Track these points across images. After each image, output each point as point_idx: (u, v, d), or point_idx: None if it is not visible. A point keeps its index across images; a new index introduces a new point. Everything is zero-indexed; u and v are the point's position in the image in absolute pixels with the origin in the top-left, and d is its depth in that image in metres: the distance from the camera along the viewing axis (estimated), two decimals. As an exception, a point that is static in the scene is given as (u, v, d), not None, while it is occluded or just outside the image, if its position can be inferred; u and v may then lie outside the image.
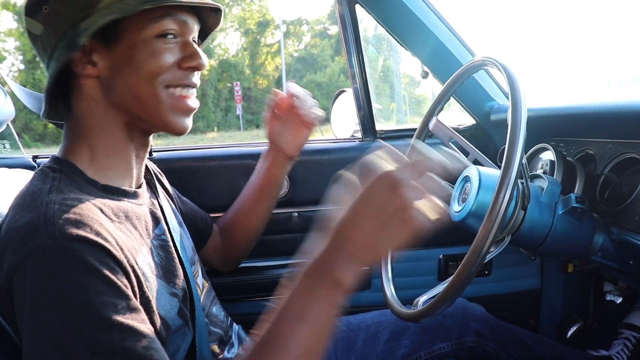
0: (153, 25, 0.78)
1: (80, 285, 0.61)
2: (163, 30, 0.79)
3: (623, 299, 1.43)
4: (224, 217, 1.33)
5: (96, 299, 0.61)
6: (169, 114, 0.83)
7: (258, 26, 30.05)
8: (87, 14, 0.75)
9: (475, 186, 1.04)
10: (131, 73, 0.78)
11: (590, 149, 1.24)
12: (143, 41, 0.78)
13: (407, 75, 2.23)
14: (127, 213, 0.80)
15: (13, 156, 1.51)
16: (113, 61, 0.78)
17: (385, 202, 0.63)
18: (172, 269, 0.86)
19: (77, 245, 0.63)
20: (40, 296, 0.61)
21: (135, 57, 0.78)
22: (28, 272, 0.62)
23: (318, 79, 27.87)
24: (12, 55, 23.85)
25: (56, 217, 0.65)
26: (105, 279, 0.64)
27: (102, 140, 0.81)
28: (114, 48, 0.78)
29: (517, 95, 0.90)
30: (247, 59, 29.76)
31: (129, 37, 0.78)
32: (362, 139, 1.64)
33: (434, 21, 1.44)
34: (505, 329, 1.28)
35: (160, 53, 0.79)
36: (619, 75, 13.15)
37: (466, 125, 1.65)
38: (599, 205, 1.14)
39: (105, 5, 0.75)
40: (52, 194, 0.70)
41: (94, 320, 0.61)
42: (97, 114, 0.81)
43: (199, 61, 0.83)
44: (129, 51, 0.78)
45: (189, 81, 0.84)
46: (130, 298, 0.66)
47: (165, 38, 0.80)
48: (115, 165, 0.83)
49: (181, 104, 0.84)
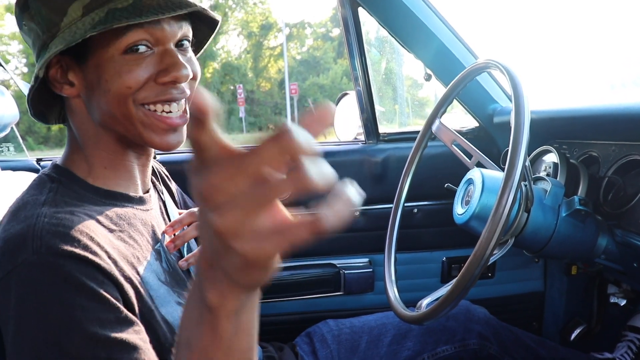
0: (117, 41, 0.71)
1: (65, 302, 0.60)
2: (130, 43, 0.71)
3: (627, 302, 1.42)
4: None
5: (81, 315, 0.60)
6: (149, 132, 0.76)
7: (261, 29, 30.09)
8: (53, 33, 0.73)
9: (479, 189, 1.04)
10: (101, 95, 0.73)
11: (594, 151, 1.24)
12: (109, 59, 0.71)
13: (409, 78, 2.23)
14: (131, 220, 0.79)
15: (17, 159, 1.52)
16: (85, 81, 0.74)
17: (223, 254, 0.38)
18: (180, 275, 0.86)
19: (62, 261, 0.62)
20: (24, 312, 0.60)
21: (102, 78, 0.72)
22: (12, 287, 0.61)
23: (321, 81, 27.88)
24: (15, 58, 23.92)
25: (44, 231, 0.64)
26: (91, 294, 0.62)
27: (98, 152, 0.79)
28: (84, 68, 0.74)
29: (520, 97, 0.90)
30: (250, 62, 29.78)
31: (97, 55, 0.72)
32: (365, 142, 1.64)
33: (437, 24, 1.44)
34: (509, 331, 1.28)
35: (127, 72, 0.72)
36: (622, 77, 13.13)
37: (469, 128, 1.65)
38: (603, 207, 1.14)
39: (66, 25, 0.72)
40: (44, 207, 0.69)
41: (79, 336, 0.59)
42: (89, 129, 0.79)
43: (176, 73, 0.73)
44: (97, 71, 0.72)
45: (169, 96, 0.75)
46: (120, 311, 0.64)
47: (135, 53, 0.72)
48: (116, 175, 0.81)
49: (159, 123, 0.76)
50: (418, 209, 1.59)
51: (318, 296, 1.58)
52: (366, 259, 1.60)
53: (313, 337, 1.28)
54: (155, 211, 0.89)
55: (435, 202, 1.59)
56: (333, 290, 1.60)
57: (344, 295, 1.59)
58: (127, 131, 0.76)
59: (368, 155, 1.57)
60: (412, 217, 1.58)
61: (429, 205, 1.59)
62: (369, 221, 1.57)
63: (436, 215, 1.59)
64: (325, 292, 1.59)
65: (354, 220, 1.56)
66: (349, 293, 1.59)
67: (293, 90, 25.18)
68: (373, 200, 1.57)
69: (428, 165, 1.37)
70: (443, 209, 1.58)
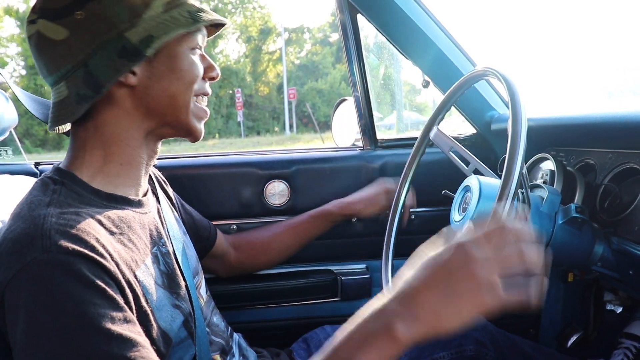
0: (189, 39, 0.84)
1: (77, 298, 0.61)
2: (197, 44, 0.86)
3: (623, 309, 1.42)
4: (248, 235, 1.40)
5: (93, 311, 0.62)
6: (194, 120, 0.88)
7: (260, 33, 30.16)
8: (133, 23, 0.76)
9: (476, 196, 1.05)
10: (172, 82, 0.83)
11: (591, 159, 1.24)
12: (182, 52, 0.83)
13: (407, 84, 2.24)
14: (130, 223, 0.80)
15: (15, 162, 1.52)
16: (152, 71, 0.81)
17: (457, 275, 0.59)
18: (176, 279, 0.87)
19: (72, 259, 0.63)
20: (36, 309, 0.61)
21: (177, 67, 0.83)
22: (22, 286, 0.62)
23: (319, 86, 27.94)
24: (13, 60, 23.94)
25: (53, 230, 0.65)
26: (101, 292, 0.64)
27: (120, 148, 0.82)
28: (154, 59, 0.80)
29: (518, 105, 0.91)
30: (249, 66, 29.85)
31: (168, 48, 0.81)
32: (363, 148, 1.64)
33: (436, 31, 1.45)
34: (506, 337, 1.28)
35: (197, 64, 0.86)
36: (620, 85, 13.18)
37: (466, 135, 1.65)
38: (599, 215, 1.15)
39: (150, 17, 0.77)
40: (50, 207, 0.70)
41: (93, 332, 0.61)
42: (121, 122, 0.82)
43: (217, 72, 0.92)
44: (170, 62, 0.82)
45: (208, 90, 0.92)
46: (125, 310, 0.66)
47: (195, 50, 0.86)
48: (125, 173, 0.84)
49: (203, 113, 0.91)
50: (415, 215, 1.59)
51: (315, 302, 1.58)
52: (363, 265, 1.60)
53: (310, 343, 1.28)
54: (153, 214, 0.91)
55: (433, 209, 1.59)
56: (330, 296, 1.60)
57: (341, 301, 1.59)
58: (176, 119, 0.86)
59: (366, 162, 1.57)
60: (409, 223, 1.59)
61: (426, 212, 1.60)
62: (366, 227, 1.57)
63: (433, 221, 1.59)
64: (322, 298, 1.59)
65: (351, 226, 1.57)
66: (346, 299, 1.58)
67: (291, 94, 25.24)
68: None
69: (425, 172, 1.38)
70: (440, 216, 1.58)
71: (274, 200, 1.53)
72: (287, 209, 1.54)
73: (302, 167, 1.53)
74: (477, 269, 0.59)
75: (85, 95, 0.76)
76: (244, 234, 1.42)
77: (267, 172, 1.52)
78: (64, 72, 0.77)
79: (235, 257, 1.36)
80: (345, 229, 1.56)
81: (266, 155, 1.57)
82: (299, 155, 1.57)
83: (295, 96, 25.13)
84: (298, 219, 1.41)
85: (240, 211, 1.52)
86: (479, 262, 0.59)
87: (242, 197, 1.51)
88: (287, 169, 1.52)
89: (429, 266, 0.62)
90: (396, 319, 0.59)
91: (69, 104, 0.76)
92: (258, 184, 1.51)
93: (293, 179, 1.53)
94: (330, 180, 1.54)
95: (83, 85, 0.76)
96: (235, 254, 1.36)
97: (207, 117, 0.92)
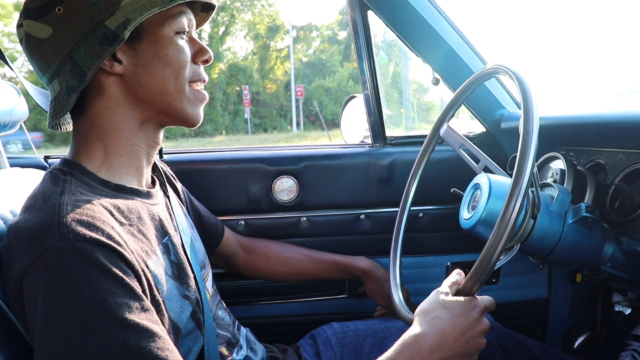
0: (172, 22, 0.82)
1: (95, 286, 0.62)
2: (181, 27, 0.83)
3: (632, 310, 1.42)
4: (262, 246, 1.42)
5: (111, 299, 0.62)
6: (190, 106, 0.86)
7: (268, 31, 30.15)
8: (111, 11, 0.75)
9: (486, 194, 1.04)
10: (160, 68, 0.81)
11: (601, 159, 1.23)
12: (166, 37, 0.81)
13: (415, 82, 2.23)
14: (140, 214, 0.81)
15: (25, 156, 1.53)
16: (137, 58, 0.80)
17: (474, 340, 0.82)
18: (185, 270, 0.87)
19: (90, 247, 0.64)
20: (54, 297, 0.61)
21: (162, 53, 0.81)
22: (40, 273, 0.62)
23: (327, 84, 27.90)
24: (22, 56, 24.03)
25: (69, 218, 0.65)
26: (118, 280, 0.64)
27: (116, 139, 0.82)
28: (138, 45, 0.80)
29: (530, 104, 0.90)
30: (257, 63, 29.84)
31: (153, 33, 0.80)
32: (372, 145, 1.64)
33: (446, 28, 1.44)
34: (513, 337, 1.27)
35: (184, 48, 0.84)
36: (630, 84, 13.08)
37: (476, 133, 1.65)
38: (609, 215, 1.14)
39: (128, 3, 0.75)
40: (64, 196, 0.71)
41: (110, 320, 0.61)
42: (114, 112, 0.81)
43: (209, 54, 0.89)
44: (155, 47, 0.81)
45: (203, 76, 0.89)
46: (143, 299, 0.67)
47: (182, 34, 0.84)
48: (127, 164, 0.84)
49: (200, 95, 0.88)
50: (424, 213, 1.59)
51: (323, 298, 1.59)
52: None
53: (317, 340, 1.28)
54: (162, 206, 0.92)
55: (442, 207, 1.59)
56: (337, 293, 1.60)
57: (348, 298, 1.59)
58: (170, 106, 0.84)
59: (374, 159, 1.57)
60: (417, 221, 1.58)
61: (435, 210, 1.59)
62: (374, 224, 1.57)
63: (442, 219, 1.59)
64: (329, 295, 1.59)
65: (360, 223, 1.57)
66: (353, 296, 1.59)
67: (299, 92, 25.23)
68: (379, 204, 1.57)
69: (435, 170, 1.37)
70: (449, 214, 1.58)
71: (282, 196, 1.53)
72: (295, 205, 1.54)
73: (311, 163, 1.53)
74: (482, 334, 0.84)
75: (72, 86, 0.76)
76: (259, 241, 1.43)
77: (276, 168, 1.52)
78: (55, 68, 0.78)
79: (244, 260, 1.37)
80: (354, 226, 1.56)
81: (275, 151, 1.57)
82: (307, 152, 1.57)
83: (302, 94, 25.12)
84: (321, 257, 1.42)
85: (249, 207, 1.52)
86: (485, 330, 0.83)
87: (250, 192, 1.51)
88: (296, 165, 1.53)
89: (458, 324, 0.81)
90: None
91: (61, 98, 0.77)
92: (266, 180, 1.52)
93: (301, 175, 1.53)
94: (339, 176, 1.54)
95: (71, 77, 0.76)
96: (245, 257, 1.37)
97: (206, 100, 0.91)
